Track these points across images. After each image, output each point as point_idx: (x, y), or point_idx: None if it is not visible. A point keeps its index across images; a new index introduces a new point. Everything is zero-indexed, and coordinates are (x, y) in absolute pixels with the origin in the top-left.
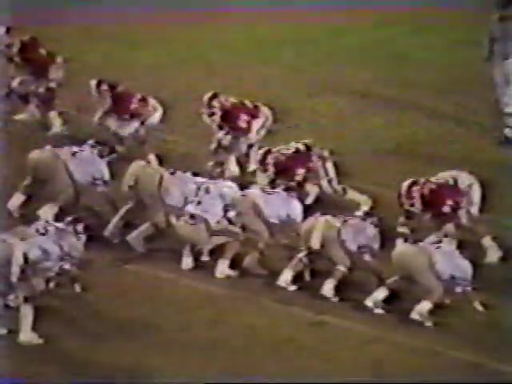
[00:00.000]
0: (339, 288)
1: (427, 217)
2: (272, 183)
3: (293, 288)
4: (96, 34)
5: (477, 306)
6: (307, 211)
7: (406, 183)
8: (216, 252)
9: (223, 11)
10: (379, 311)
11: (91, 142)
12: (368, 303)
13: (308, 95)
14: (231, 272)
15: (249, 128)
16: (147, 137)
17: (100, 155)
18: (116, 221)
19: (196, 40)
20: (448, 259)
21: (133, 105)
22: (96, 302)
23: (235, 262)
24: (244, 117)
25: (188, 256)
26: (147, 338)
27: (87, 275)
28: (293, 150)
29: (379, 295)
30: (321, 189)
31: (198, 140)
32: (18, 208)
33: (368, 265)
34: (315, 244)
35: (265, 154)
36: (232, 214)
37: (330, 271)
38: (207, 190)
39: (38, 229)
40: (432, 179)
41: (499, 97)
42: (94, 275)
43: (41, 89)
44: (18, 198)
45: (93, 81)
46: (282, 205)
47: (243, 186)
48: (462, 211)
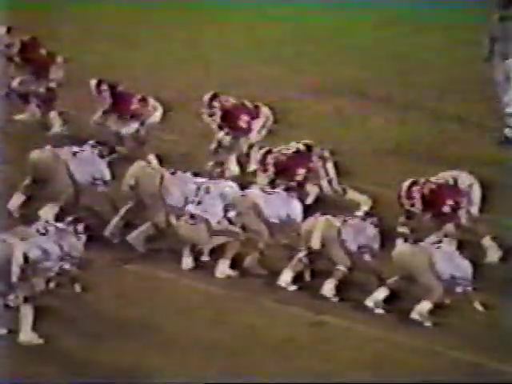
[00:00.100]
0: (339, 288)
1: (427, 217)
2: (272, 183)
3: (293, 288)
4: (96, 34)
5: (477, 306)
6: (307, 211)
7: (406, 183)
8: (216, 252)
9: (223, 11)
10: (379, 311)
11: (91, 142)
12: (368, 303)
13: (308, 95)
14: (231, 272)
15: (249, 128)
16: (147, 137)
17: (100, 155)
18: (116, 221)
19: (196, 40)
20: (448, 259)
21: (133, 105)
22: (96, 302)
23: (235, 262)
24: (244, 117)
25: (188, 256)
26: (147, 338)
27: (87, 275)
28: (293, 150)
29: (379, 295)
30: (321, 189)
31: (199, 140)
32: (18, 208)
33: (368, 265)
34: (315, 244)
35: (265, 154)
36: (232, 214)
37: (330, 271)
38: (207, 190)
39: (39, 229)
40: (432, 179)
41: (499, 97)
42: (94, 275)
43: (41, 89)
44: (18, 198)
45: (93, 81)
46: (282, 205)
47: (243, 186)
48: (462, 211)
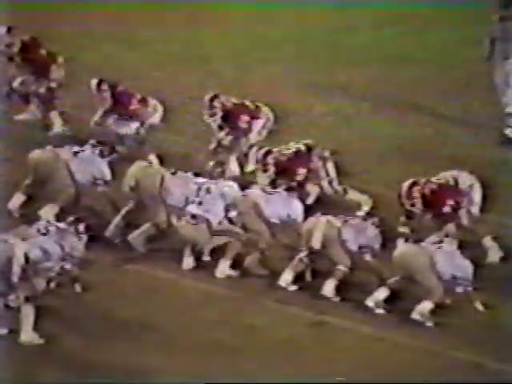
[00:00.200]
0: (340, 288)
1: (428, 217)
2: (273, 183)
3: (293, 288)
4: (96, 34)
5: (478, 306)
6: (308, 211)
7: (407, 183)
8: (217, 252)
9: (223, 11)
10: (380, 311)
11: (92, 142)
12: (369, 303)
13: (308, 95)
14: (232, 272)
15: (249, 128)
16: (147, 137)
17: (101, 155)
18: (117, 221)
19: (196, 40)
20: (449, 259)
21: (133, 105)
22: (97, 302)
23: (236, 262)
24: (245, 117)
25: (189, 256)
26: (147, 338)
27: (88, 275)
28: (293, 151)
29: (380, 295)
30: (321, 189)
31: (199, 140)
32: (19, 208)
33: (369, 265)
34: (316, 244)
35: (265, 154)
36: (233, 214)
37: (331, 271)
38: (208, 190)
39: (39, 229)
40: (433, 179)
41: (499, 97)
42: (95, 275)
43: (41, 89)
44: (19, 198)
45: (93, 80)
46: (283, 205)
47: (244, 186)
48: (463, 211)
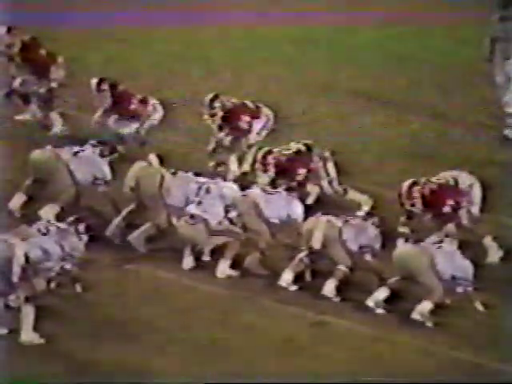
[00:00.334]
0: (340, 288)
1: (428, 217)
2: (273, 183)
3: (294, 288)
4: (96, 34)
5: (478, 306)
6: (308, 211)
7: (407, 183)
8: (217, 252)
9: (223, 11)
10: (380, 311)
11: (92, 142)
12: (369, 303)
13: (308, 95)
14: (232, 272)
15: (250, 128)
16: (147, 137)
17: (101, 155)
18: (118, 221)
19: (196, 40)
20: (449, 259)
21: (133, 105)
22: (97, 302)
23: (236, 262)
24: (245, 117)
25: (189, 256)
26: (147, 338)
27: (88, 275)
28: (293, 151)
29: (380, 295)
30: (321, 189)
31: (199, 140)
32: (20, 208)
33: (369, 265)
34: (316, 244)
35: (265, 155)
36: (233, 215)
37: (331, 271)
38: (208, 190)
39: (40, 229)
40: (432, 179)
41: (500, 97)
42: (95, 275)
43: (42, 89)
44: (20, 198)
45: (94, 79)
46: (283, 205)
47: (244, 186)
48: (463, 211)
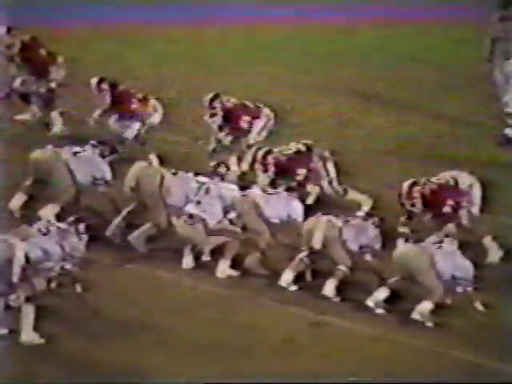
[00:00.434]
0: (340, 288)
1: (428, 217)
2: (273, 183)
3: (294, 288)
4: (97, 34)
5: (478, 306)
6: (308, 211)
7: (407, 183)
8: (217, 252)
9: (223, 11)
10: (380, 311)
11: (92, 142)
12: (369, 303)
13: (308, 95)
14: (232, 272)
15: (250, 128)
16: (147, 137)
17: (101, 155)
18: (118, 221)
19: (196, 40)
20: (449, 259)
21: (133, 105)
22: (97, 302)
23: (236, 262)
24: (245, 117)
25: (189, 256)
26: (147, 338)
27: (88, 275)
28: (293, 151)
29: (380, 295)
30: (321, 189)
31: (199, 140)
32: (20, 208)
33: (369, 265)
34: (316, 244)
35: (265, 155)
36: (233, 216)
37: (332, 271)
38: (207, 190)
39: (40, 229)
40: (433, 179)
41: (500, 97)
42: (96, 275)
43: (42, 89)
44: (20, 198)
45: (94, 79)
46: (283, 205)
47: (244, 186)
48: (463, 211)
